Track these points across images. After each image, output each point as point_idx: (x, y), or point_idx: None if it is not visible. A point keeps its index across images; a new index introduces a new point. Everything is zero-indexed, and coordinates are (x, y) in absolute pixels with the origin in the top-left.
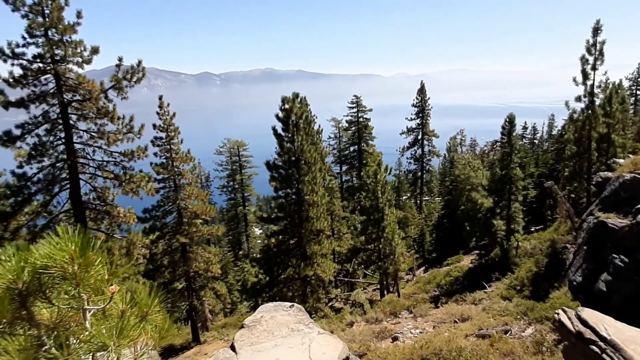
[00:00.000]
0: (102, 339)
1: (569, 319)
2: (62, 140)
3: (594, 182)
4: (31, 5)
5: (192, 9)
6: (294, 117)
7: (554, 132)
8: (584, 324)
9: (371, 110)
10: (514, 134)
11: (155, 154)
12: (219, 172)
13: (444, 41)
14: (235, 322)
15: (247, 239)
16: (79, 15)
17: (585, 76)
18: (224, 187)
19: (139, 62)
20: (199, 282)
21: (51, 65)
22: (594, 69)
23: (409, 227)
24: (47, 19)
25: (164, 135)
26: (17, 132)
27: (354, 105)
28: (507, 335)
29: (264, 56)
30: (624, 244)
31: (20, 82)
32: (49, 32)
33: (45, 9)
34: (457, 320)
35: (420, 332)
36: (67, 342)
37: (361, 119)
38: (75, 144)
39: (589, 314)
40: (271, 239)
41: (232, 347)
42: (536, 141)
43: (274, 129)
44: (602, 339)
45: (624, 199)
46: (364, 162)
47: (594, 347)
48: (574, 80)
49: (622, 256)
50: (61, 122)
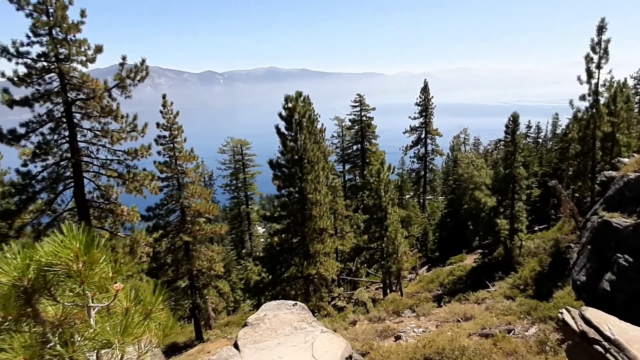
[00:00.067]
0: (107, 336)
1: (573, 318)
2: (66, 138)
3: (598, 181)
4: (35, 4)
5: (196, 8)
6: (297, 116)
7: (558, 131)
8: (588, 323)
9: (374, 109)
10: (518, 132)
11: (158, 153)
12: (222, 170)
13: (447, 40)
14: (238, 320)
15: (250, 237)
16: (83, 14)
17: (589, 75)
18: (227, 185)
19: (143, 61)
20: (202, 280)
21: (55, 64)
22: (598, 67)
23: (412, 226)
24: (51, 18)
25: (167, 133)
26: (22, 130)
27: (357, 104)
28: (511, 334)
29: (267, 55)
30: (629, 244)
31: (24, 80)
32: (53, 31)
33: (49, 7)
34: (460, 319)
35: (423, 331)
36: (72, 339)
37: (364, 118)
38: (79, 143)
39: (593, 314)
40: (274, 238)
41: (236, 345)
42: (540, 140)
43: (277, 128)
44: (606, 338)
45: (628, 198)
46: (367, 161)
47: (597, 346)
48: (579, 78)
49: (627, 256)
50: (65, 120)
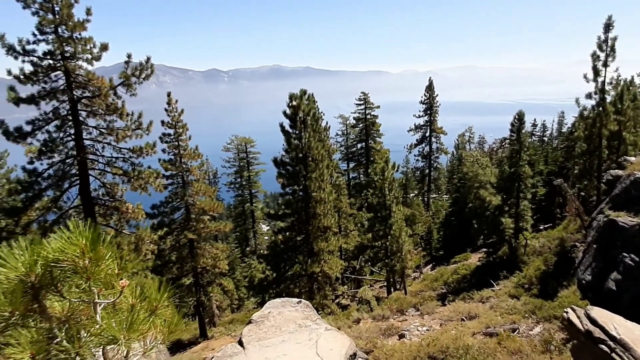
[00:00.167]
0: (113, 332)
1: (578, 317)
2: (72, 136)
3: (604, 180)
4: (41, 2)
5: (200, 6)
6: (301, 114)
7: (564, 130)
8: (593, 323)
9: (379, 107)
10: (523, 131)
11: (163, 151)
12: (227, 168)
13: (452, 38)
14: (242, 318)
15: (254, 235)
16: (88, 12)
17: (596, 73)
18: (231, 183)
19: (148, 59)
20: (207, 278)
21: (61, 62)
22: (605, 65)
23: (416, 225)
24: (57, 16)
25: (172, 131)
26: (28, 128)
27: (362, 102)
28: (515, 333)
29: (271, 53)
30: (635, 243)
31: (30, 78)
32: (59, 29)
33: (55, 6)
34: (464, 318)
35: (427, 330)
36: (78, 335)
37: (369, 116)
38: (84, 140)
39: (599, 313)
40: (278, 236)
41: (240, 342)
42: (546, 139)
43: (282, 126)
44: (612, 338)
45: (634, 197)
46: (371, 159)
47: (603, 346)
48: (585, 77)
49: (633, 255)
50: (71, 118)
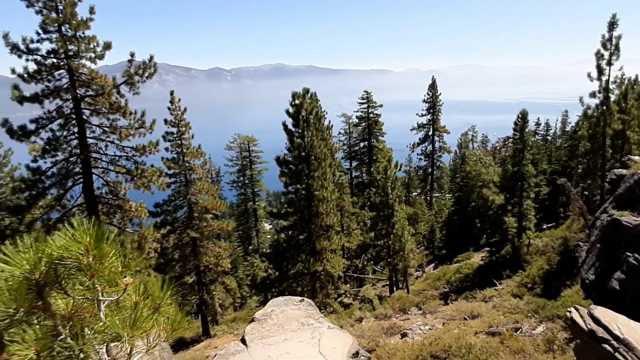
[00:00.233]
0: (116, 329)
1: (582, 317)
2: (76, 135)
3: (608, 180)
4: (45, 1)
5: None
6: (304, 113)
7: (568, 129)
8: (597, 322)
9: (382, 106)
10: (527, 130)
11: (166, 149)
12: (230, 167)
13: (455, 37)
14: (244, 316)
15: (257, 234)
16: (91, 11)
17: (600, 71)
18: (234, 182)
19: (151, 58)
20: (209, 276)
21: (65, 60)
22: (609, 64)
23: (419, 224)
24: (60, 15)
25: (175, 130)
26: (32, 126)
27: (365, 101)
28: (518, 333)
29: (274, 52)
30: (639, 242)
31: (34, 77)
32: (63, 28)
33: (58, 4)
34: (466, 317)
35: (429, 329)
36: (82, 332)
37: (371, 115)
38: (88, 139)
39: (602, 313)
40: (281, 234)
41: (243, 340)
42: (549, 138)
43: (284, 125)
44: (615, 337)
45: (638, 197)
46: (374, 158)
47: (606, 345)
48: (589, 75)
49: (636, 254)
50: (74, 117)
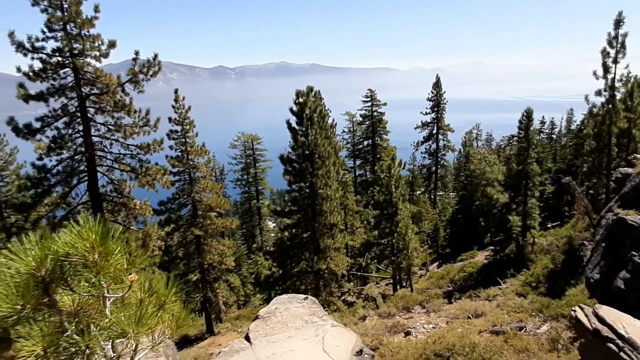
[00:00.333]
0: (122, 326)
1: (586, 316)
2: (81, 133)
3: (613, 178)
4: None
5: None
6: (308, 111)
7: (573, 127)
8: (602, 321)
9: (385, 104)
10: (532, 128)
11: (170, 147)
12: (233, 165)
13: (460, 35)
14: (248, 314)
15: (260, 232)
16: (96, 9)
17: (606, 69)
18: (238, 180)
19: (155, 56)
20: (213, 274)
21: (70, 59)
22: (615, 62)
23: (422, 222)
24: (65, 13)
25: (179, 128)
26: (37, 125)
27: (368, 99)
28: (522, 332)
29: (278, 50)
30: None
31: (39, 75)
32: (68, 26)
33: (64, 3)
34: (470, 316)
35: (433, 327)
36: (88, 329)
37: (375, 113)
38: (93, 137)
39: (607, 312)
40: (285, 233)
41: (247, 338)
42: (554, 136)
43: (288, 123)
44: (620, 336)
45: None
46: (378, 156)
47: (611, 344)
48: (594, 73)
49: None
50: (79, 115)
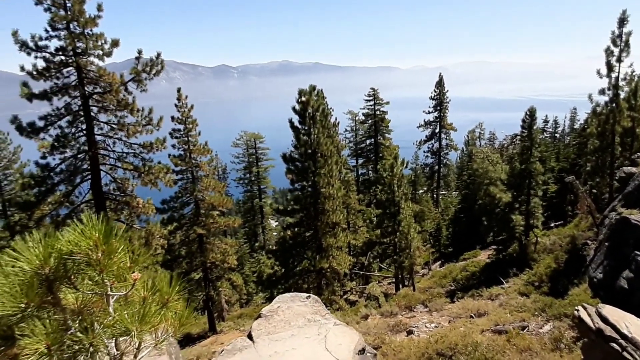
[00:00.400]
0: (125, 324)
1: (589, 315)
2: (84, 131)
3: (617, 177)
4: None
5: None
6: (310, 110)
7: (576, 126)
8: (605, 321)
9: (388, 103)
10: (535, 127)
11: (173, 146)
12: (236, 164)
13: (462, 33)
14: (250, 312)
15: (263, 231)
16: (99, 8)
17: (609, 68)
18: (240, 179)
19: (158, 55)
20: (216, 272)
21: (73, 57)
22: (619, 61)
23: (425, 221)
24: (68, 12)
25: (182, 127)
26: (41, 123)
27: (371, 98)
28: (525, 331)
29: (280, 49)
30: None
31: (43, 74)
32: (71, 25)
33: (67, 2)
34: (473, 315)
35: (435, 327)
36: (92, 327)
37: (378, 112)
38: (96, 136)
39: (610, 311)
40: (287, 231)
41: (250, 336)
42: (557, 135)
43: (291, 122)
44: (623, 336)
45: None
46: (380, 155)
47: (614, 344)
48: (598, 72)
49: None
50: (83, 114)
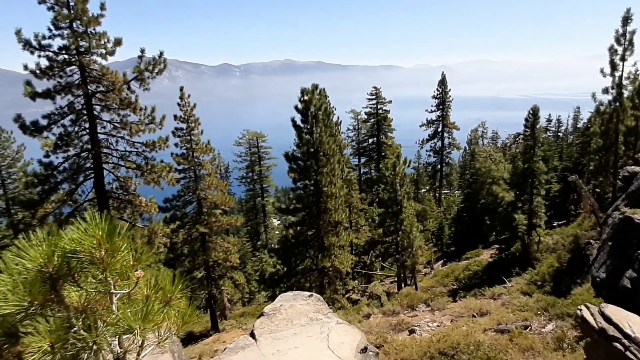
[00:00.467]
0: (128, 322)
1: (592, 315)
2: (87, 130)
3: (620, 177)
4: None
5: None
6: (313, 109)
7: (580, 125)
8: (608, 320)
9: (390, 102)
10: (538, 126)
11: (176, 145)
12: (238, 163)
13: (465, 32)
14: (253, 311)
15: (265, 229)
16: (102, 7)
17: (613, 67)
18: (243, 178)
19: (161, 54)
20: (218, 271)
21: (76, 56)
22: (622, 59)
23: (427, 220)
24: (72, 11)
25: (184, 126)
26: (44, 122)
27: (373, 96)
28: (527, 330)
29: (283, 48)
30: None
31: (46, 73)
32: (74, 24)
33: (70, 1)
34: (475, 314)
35: (437, 326)
36: (95, 325)
37: (380, 111)
38: (99, 134)
39: (613, 311)
40: (289, 230)
41: (252, 335)
42: (560, 134)
43: (293, 121)
44: (626, 336)
45: None
46: (383, 154)
47: (617, 344)
48: (602, 71)
49: None
50: (86, 112)
